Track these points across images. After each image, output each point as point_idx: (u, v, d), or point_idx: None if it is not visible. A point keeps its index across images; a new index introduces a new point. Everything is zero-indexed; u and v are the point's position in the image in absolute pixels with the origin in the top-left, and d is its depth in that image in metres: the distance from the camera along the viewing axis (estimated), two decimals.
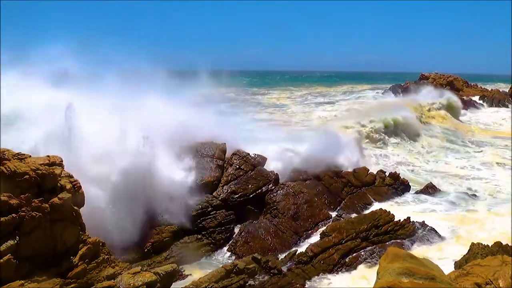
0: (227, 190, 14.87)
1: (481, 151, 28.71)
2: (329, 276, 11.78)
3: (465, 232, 14.57)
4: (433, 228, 14.26)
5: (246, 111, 38.49)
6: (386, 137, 28.18)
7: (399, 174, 18.92)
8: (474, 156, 27.43)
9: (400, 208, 16.39)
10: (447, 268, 8.55)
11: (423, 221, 14.36)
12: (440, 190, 18.94)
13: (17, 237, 7.62)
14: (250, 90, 72.65)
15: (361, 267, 12.28)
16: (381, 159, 24.88)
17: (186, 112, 17.53)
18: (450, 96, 45.13)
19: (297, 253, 12.45)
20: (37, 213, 7.78)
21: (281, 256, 12.68)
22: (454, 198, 17.91)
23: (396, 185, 18.23)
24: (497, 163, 25.19)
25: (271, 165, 16.57)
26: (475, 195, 18.56)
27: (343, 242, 12.75)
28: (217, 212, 13.99)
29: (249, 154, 16.35)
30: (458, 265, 9.98)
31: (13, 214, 7.57)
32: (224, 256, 13.02)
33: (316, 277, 11.60)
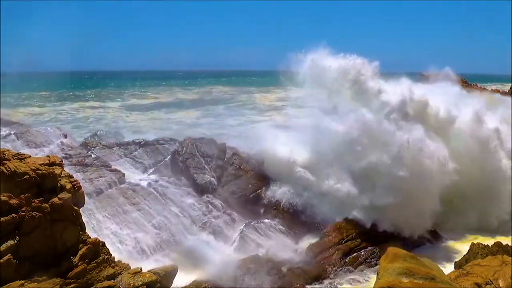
0: (227, 190, 14.84)
1: None
2: (329, 276, 11.78)
3: (465, 232, 14.54)
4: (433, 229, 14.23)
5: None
6: None
7: None
8: None
9: None
10: (447, 268, 8.56)
11: None
12: None
13: (17, 237, 7.61)
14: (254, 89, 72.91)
15: (361, 267, 12.27)
16: None
17: None
18: None
19: (297, 252, 12.44)
20: (37, 213, 7.76)
21: (281, 256, 12.66)
22: None
23: None
24: None
25: None
26: None
27: (343, 242, 12.73)
28: (217, 212, 13.97)
29: (248, 154, 16.33)
30: (458, 265, 9.98)
31: (13, 214, 7.56)
32: None
33: (316, 277, 11.59)
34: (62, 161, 9.20)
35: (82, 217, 8.82)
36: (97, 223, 11.98)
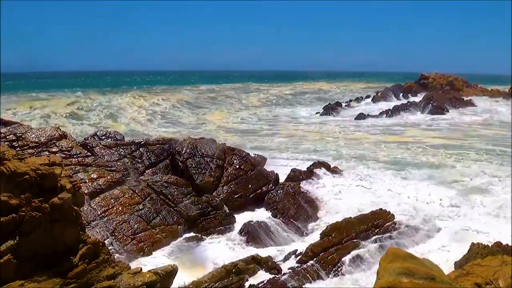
0: (227, 190, 14.88)
1: None
2: (329, 276, 11.78)
3: (466, 231, 14.54)
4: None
5: None
6: None
7: None
8: None
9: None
10: (447, 268, 8.55)
11: None
12: None
13: (17, 237, 7.61)
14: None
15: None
16: None
17: None
18: None
19: (297, 253, 12.46)
20: (37, 213, 7.75)
21: (281, 256, 12.69)
22: None
23: None
24: None
25: None
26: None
27: (343, 242, 12.75)
28: (217, 212, 14.00)
29: (249, 154, 16.39)
30: (458, 265, 9.98)
31: (13, 214, 7.55)
32: None
33: (316, 277, 11.60)
34: (62, 161, 9.19)
35: (82, 217, 8.82)
36: (97, 223, 11.99)
